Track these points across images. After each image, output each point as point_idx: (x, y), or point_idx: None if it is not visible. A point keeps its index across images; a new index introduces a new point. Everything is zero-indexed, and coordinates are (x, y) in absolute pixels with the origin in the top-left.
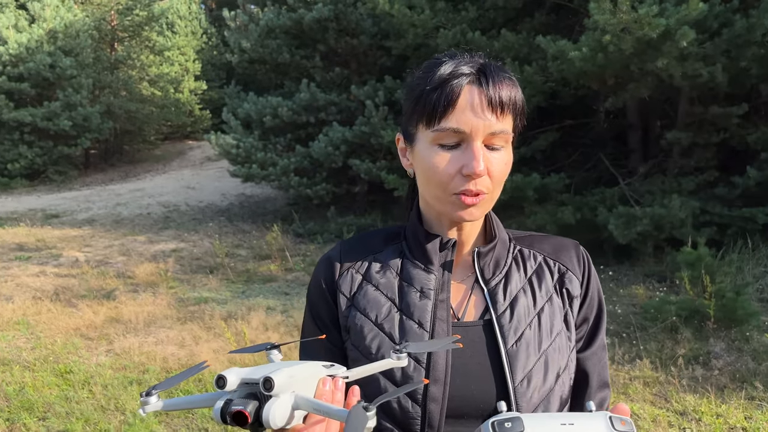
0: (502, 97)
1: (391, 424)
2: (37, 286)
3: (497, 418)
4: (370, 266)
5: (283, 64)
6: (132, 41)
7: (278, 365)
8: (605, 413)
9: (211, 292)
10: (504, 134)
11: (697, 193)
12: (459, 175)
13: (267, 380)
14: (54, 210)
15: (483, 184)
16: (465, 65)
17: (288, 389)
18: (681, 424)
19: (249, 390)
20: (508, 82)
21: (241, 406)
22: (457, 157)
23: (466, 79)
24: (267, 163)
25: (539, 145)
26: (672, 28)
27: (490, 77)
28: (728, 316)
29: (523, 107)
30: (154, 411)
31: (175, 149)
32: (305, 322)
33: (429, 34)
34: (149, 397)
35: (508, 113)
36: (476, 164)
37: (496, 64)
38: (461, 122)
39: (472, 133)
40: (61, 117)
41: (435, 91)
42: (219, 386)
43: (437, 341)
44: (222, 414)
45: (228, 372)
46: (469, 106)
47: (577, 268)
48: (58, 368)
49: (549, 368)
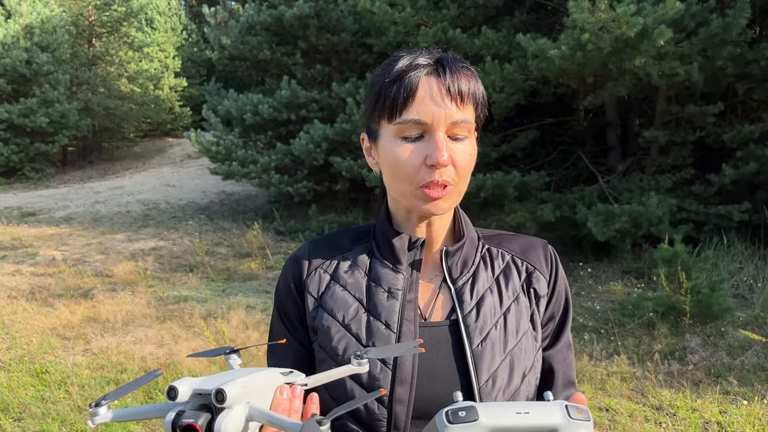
0: (461, 86)
1: (357, 425)
2: (12, 285)
3: (452, 407)
4: (338, 266)
5: (263, 61)
6: (110, 37)
7: (234, 374)
8: (561, 402)
9: (190, 290)
10: (466, 124)
11: (674, 190)
12: (423, 166)
13: (219, 392)
14: (30, 208)
15: (448, 175)
16: (422, 57)
17: (242, 400)
18: (657, 419)
19: (201, 401)
20: (466, 72)
21: (192, 419)
22: (420, 148)
23: (424, 70)
24: (247, 160)
25: (519, 143)
26: (649, 27)
27: (448, 67)
28: (704, 311)
29: (484, 99)
30: (103, 423)
31: (154, 146)
32: (273, 323)
33: (410, 31)
34: (98, 408)
35: (469, 103)
36: (439, 154)
37: (453, 56)
38: (422, 113)
39: (434, 124)
40: (37, 114)
41: (393, 84)
42: (170, 397)
43: (399, 346)
44: (173, 426)
45: (179, 383)
46: (428, 97)
47: (545, 268)
48: (33, 368)
49: (515, 368)
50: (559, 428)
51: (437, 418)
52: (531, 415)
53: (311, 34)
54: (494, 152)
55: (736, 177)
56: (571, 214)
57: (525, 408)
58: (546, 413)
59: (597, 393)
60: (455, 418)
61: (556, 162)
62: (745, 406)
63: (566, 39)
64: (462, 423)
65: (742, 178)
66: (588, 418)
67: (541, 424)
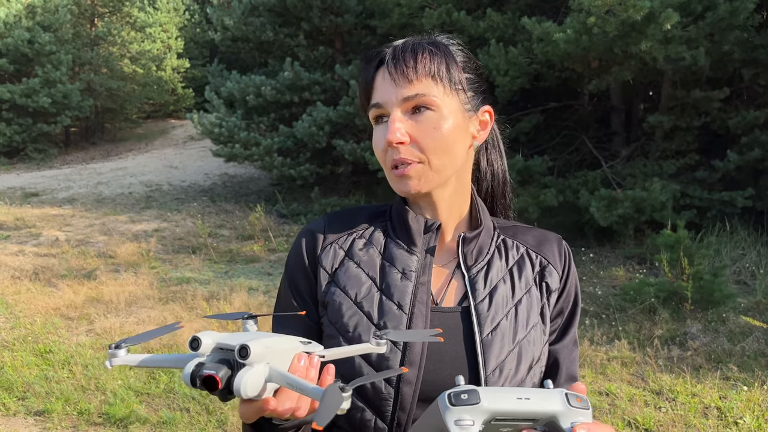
0: (405, 64)
1: (363, 403)
2: (16, 265)
3: (454, 389)
4: (353, 243)
5: (266, 43)
6: (112, 17)
7: (255, 335)
8: (561, 390)
9: (193, 272)
10: (421, 97)
11: (678, 176)
12: (389, 148)
13: (243, 348)
14: (33, 188)
15: (407, 153)
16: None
17: (263, 360)
18: (657, 403)
19: (223, 356)
20: (422, 51)
21: (213, 370)
22: (383, 130)
23: (377, 61)
24: (250, 143)
25: (523, 127)
26: (656, 11)
27: (397, 52)
28: (705, 297)
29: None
30: (121, 365)
31: (157, 128)
32: (281, 293)
33: (414, 13)
34: (118, 350)
35: (423, 79)
36: (390, 133)
37: (424, 38)
38: (378, 96)
39: (387, 104)
40: (40, 94)
41: (361, 80)
42: (192, 348)
43: (418, 332)
44: (192, 377)
45: (203, 334)
46: (382, 81)
47: (559, 263)
48: (37, 348)
49: (522, 359)
50: (559, 415)
51: (439, 399)
52: (531, 401)
53: (315, 15)
54: None
55: (741, 163)
56: (573, 199)
57: (526, 394)
58: (546, 400)
59: (597, 377)
60: (457, 401)
61: (559, 147)
62: (745, 391)
63: (572, 22)
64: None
65: (746, 164)
66: (587, 406)
67: (541, 411)
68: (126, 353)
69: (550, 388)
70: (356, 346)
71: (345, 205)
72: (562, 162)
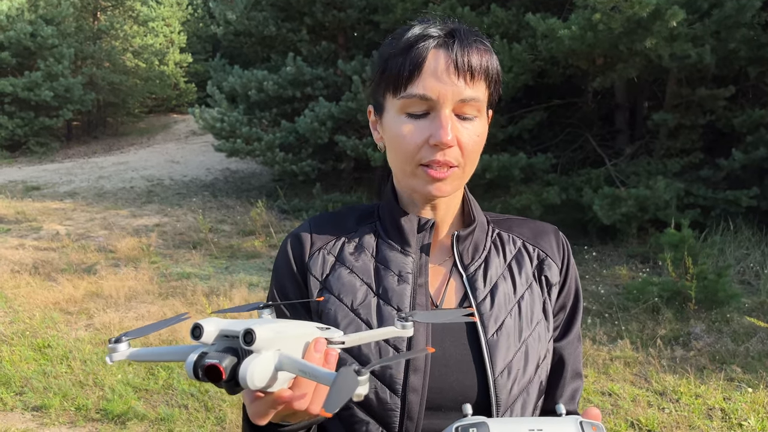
0: (471, 61)
1: (367, 415)
2: (15, 259)
3: (462, 422)
4: (343, 247)
5: (269, 37)
6: (115, 11)
7: (266, 321)
8: (576, 417)
9: (193, 267)
10: (475, 102)
11: (682, 174)
12: (426, 145)
13: (248, 332)
14: (35, 182)
15: (452, 156)
16: (434, 28)
17: (272, 346)
18: (660, 404)
19: (228, 344)
20: (479, 46)
21: (215, 360)
22: (424, 126)
23: (433, 42)
24: (252, 138)
25: (526, 124)
26: (662, 8)
27: (459, 40)
28: (709, 297)
29: (498, 76)
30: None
31: (159, 122)
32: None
33: (418, 8)
34: (118, 344)
35: (480, 80)
36: (443, 132)
37: (469, 28)
38: (428, 88)
39: (440, 100)
40: (42, 87)
41: (400, 56)
42: (194, 336)
43: (447, 311)
44: (194, 369)
45: (206, 321)
46: (436, 71)
47: (557, 255)
48: (36, 343)
49: (529, 358)
50: None
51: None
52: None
53: (317, 10)
54: (501, 133)
55: (746, 162)
56: (577, 197)
57: (538, 425)
58: (560, 431)
59: (600, 377)
60: None
61: (563, 144)
62: (749, 393)
63: (577, 19)
64: None
65: (751, 163)
66: None
67: None
68: (127, 347)
69: (562, 416)
70: (380, 330)
71: (347, 201)
72: (565, 159)
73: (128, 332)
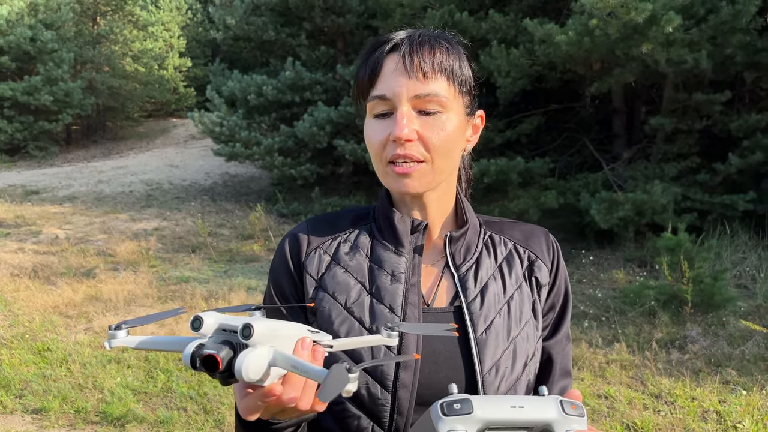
0: (423, 59)
1: (359, 410)
2: (15, 262)
3: (446, 399)
4: (338, 247)
5: (268, 42)
6: (115, 15)
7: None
8: (556, 397)
9: (192, 271)
10: (434, 97)
11: (679, 179)
12: (389, 142)
13: (246, 327)
14: (34, 186)
15: (414, 150)
16: (398, 35)
17: (267, 342)
18: (656, 407)
19: (225, 337)
20: (438, 46)
21: (213, 350)
22: (387, 124)
23: (388, 46)
24: (251, 142)
25: (524, 128)
26: (658, 13)
27: (411, 41)
28: (705, 301)
29: (465, 74)
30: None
31: (158, 127)
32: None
33: (416, 14)
34: (118, 330)
35: (436, 76)
36: (398, 127)
37: (435, 32)
38: (384, 88)
39: (396, 98)
40: (41, 92)
41: (363, 64)
42: (194, 328)
43: (431, 325)
44: (192, 358)
45: (205, 314)
46: (391, 72)
47: (547, 257)
48: (35, 346)
49: (517, 357)
50: (553, 423)
51: (432, 409)
52: (525, 410)
53: (316, 15)
54: (498, 138)
55: (742, 166)
56: (574, 201)
57: (520, 402)
58: (541, 408)
59: (596, 380)
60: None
61: (560, 148)
62: (744, 395)
63: (574, 24)
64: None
65: (747, 168)
66: (582, 413)
67: (535, 419)
68: (126, 335)
69: (544, 395)
70: (366, 337)
71: (346, 205)
72: (563, 164)
73: (128, 320)
